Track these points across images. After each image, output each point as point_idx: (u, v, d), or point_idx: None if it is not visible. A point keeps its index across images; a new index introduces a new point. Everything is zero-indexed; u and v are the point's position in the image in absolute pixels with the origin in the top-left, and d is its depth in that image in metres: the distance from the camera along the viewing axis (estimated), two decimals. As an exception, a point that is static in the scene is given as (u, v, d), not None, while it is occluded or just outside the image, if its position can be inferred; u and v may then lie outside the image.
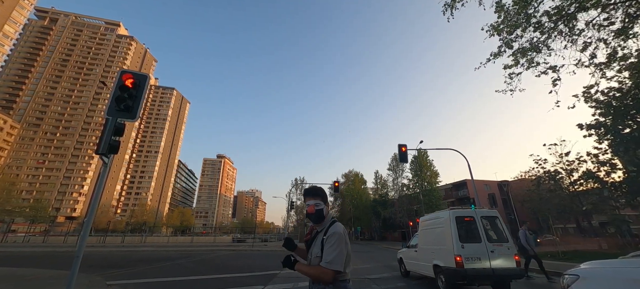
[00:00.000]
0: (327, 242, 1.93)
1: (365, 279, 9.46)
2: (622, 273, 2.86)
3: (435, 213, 8.56)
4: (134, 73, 4.73)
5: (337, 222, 2.09)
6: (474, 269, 6.38)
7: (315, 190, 2.17)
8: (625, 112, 16.14)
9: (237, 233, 75.10)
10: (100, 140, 4.23)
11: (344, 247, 1.93)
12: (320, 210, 2.08)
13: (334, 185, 27.92)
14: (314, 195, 2.13)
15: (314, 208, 2.07)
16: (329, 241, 1.93)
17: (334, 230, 1.97)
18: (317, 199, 2.10)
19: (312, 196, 2.12)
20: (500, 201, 44.50)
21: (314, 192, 2.15)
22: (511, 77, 8.29)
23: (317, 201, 2.09)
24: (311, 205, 2.08)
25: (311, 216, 2.08)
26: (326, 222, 2.10)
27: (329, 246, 1.90)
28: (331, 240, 1.92)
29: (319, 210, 2.08)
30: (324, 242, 1.95)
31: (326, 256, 1.88)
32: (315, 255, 1.99)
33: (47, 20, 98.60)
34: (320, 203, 2.09)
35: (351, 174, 71.85)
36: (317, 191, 2.16)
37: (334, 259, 1.85)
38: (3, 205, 44.28)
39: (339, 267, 1.86)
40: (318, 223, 2.11)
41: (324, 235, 1.99)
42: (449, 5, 7.97)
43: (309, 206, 2.08)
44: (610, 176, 19.81)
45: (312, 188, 2.19)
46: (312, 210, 2.07)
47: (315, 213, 2.07)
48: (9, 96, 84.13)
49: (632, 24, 6.78)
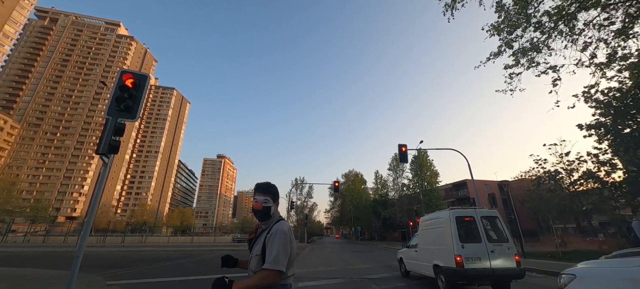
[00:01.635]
0: (270, 241, 1.85)
1: (365, 279, 9.45)
2: (618, 273, 2.87)
3: (435, 213, 8.55)
4: (134, 73, 4.73)
5: (283, 220, 2.03)
6: (474, 269, 6.37)
7: (266, 187, 2.09)
8: (626, 112, 16.13)
9: (238, 233, 75.10)
10: (101, 140, 4.23)
11: (288, 246, 1.86)
12: (268, 208, 2.00)
13: (334, 185, 27.92)
14: (265, 191, 2.06)
15: (262, 204, 1.99)
16: (272, 240, 1.85)
17: (278, 228, 1.91)
18: (267, 196, 2.04)
19: (262, 192, 2.05)
20: (501, 201, 44.47)
21: (265, 188, 2.08)
22: (511, 77, 8.29)
23: (266, 198, 2.02)
24: (259, 200, 2.01)
25: (257, 212, 2.00)
26: (272, 220, 2.02)
27: (272, 245, 1.83)
28: (274, 238, 1.85)
29: (266, 207, 2.00)
30: (266, 241, 1.88)
31: (269, 255, 1.80)
32: (255, 253, 1.91)
33: (47, 20, 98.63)
34: (270, 200, 2.03)
35: (351, 174, 71.84)
36: (269, 188, 2.09)
37: (277, 259, 1.76)
38: (3, 205, 44.25)
39: (282, 267, 1.76)
40: (264, 220, 2.02)
41: (267, 233, 1.92)
42: (449, 6, 7.97)
43: (257, 202, 2.01)
44: (611, 176, 19.81)
45: (264, 184, 2.11)
46: (258, 206, 1.99)
47: (262, 209, 1.98)
48: (9, 96, 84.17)
49: (632, 24, 6.77)
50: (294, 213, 61.21)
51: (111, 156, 4.34)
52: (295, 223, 64.89)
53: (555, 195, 25.20)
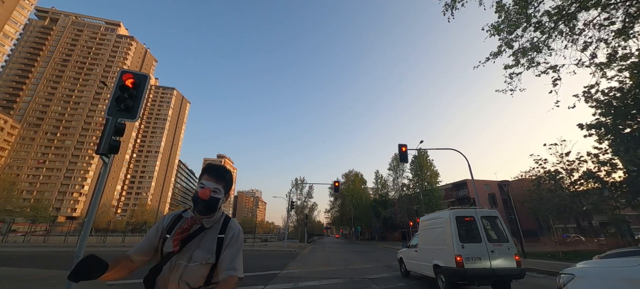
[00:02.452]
0: (232, 244, 1.56)
1: (365, 279, 9.46)
2: (617, 272, 2.89)
3: (435, 213, 8.56)
4: (134, 73, 4.73)
5: (233, 218, 1.72)
6: (474, 269, 6.37)
7: (222, 171, 1.61)
8: (626, 112, 16.14)
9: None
10: (101, 140, 4.22)
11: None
12: (217, 200, 1.54)
13: (334, 185, 27.89)
14: (218, 178, 1.58)
15: (210, 193, 1.51)
16: (235, 244, 1.57)
17: (238, 229, 1.63)
18: (220, 183, 1.57)
19: (214, 178, 1.56)
20: (501, 201, 44.44)
21: (220, 174, 1.59)
22: (511, 77, 8.28)
23: (218, 186, 1.55)
24: (208, 188, 1.52)
25: (203, 202, 1.49)
26: (217, 216, 1.62)
27: (235, 250, 1.55)
28: (237, 242, 1.58)
29: (215, 198, 1.53)
30: (223, 242, 1.55)
31: (231, 260, 1.51)
32: (203, 260, 1.47)
33: (47, 20, 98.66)
34: (221, 190, 1.57)
35: (351, 174, 71.84)
36: (224, 174, 1.61)
37: (241, 265, 1.54)
38: (3, 205, 44.31)
39: (242, 274, 1.54)
40: (207, 214, 1.55)
41: (221, 234, 1.57)
42: (449, 6, 7.96)
43: (204, 189, 1.50)
44: (611, 176, 19.82)
45: (220, 168, 1.62)
46: (206, 195, 1.49)
47: (210, 200, 1.50)
48: (10, 96, 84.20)
49: (632, 24, 6.77)
50: (294, 213, 61.23)
51: (111, 156, 4.34)
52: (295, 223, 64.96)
53: (556, 195, 25.21)
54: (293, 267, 12.65)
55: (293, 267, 12.65)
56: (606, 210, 21.96)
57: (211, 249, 1.51)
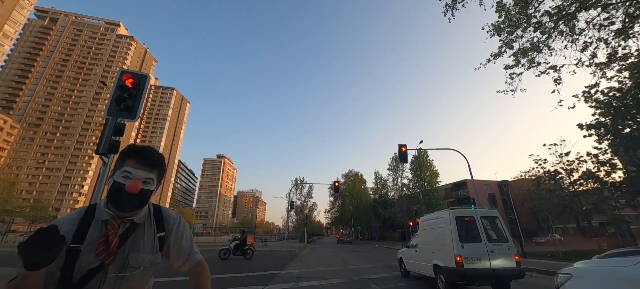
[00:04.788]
0: (184, 235, 1.38)
1: (365, 279, 9.45)
2: (614, 272, 2.90)
3: (435, 213, 8.56)
4: (134, 73, 4.73)
5: (163, 206, 1.46)
6: (473, 269, 6.37)
7: (156, 157, 1.29)
8: (626, 112, 16.15)
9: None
10: (100, 140, 4.22)
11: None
12: (149, 192, 1.23)
13: (334, 185, 27.87)
14: (152, 165, 1.25)
15: (140, 184, 1.16)
16: (185, 233, 1.39)
17: (177, 215, 1.43)
18: (153, 172, 1.25)
19: (148, 166, 1.23)
20: (500, 201, 44.46)
21: (155, 161, 1.27)
22: (512, 77, 8.29)
23: (150, 176, 1.23)
24: (138, 178, 1.17)
25: (132, 197, 1.15)
26: (145, 209, 1.30)
27: (188, 236, 1.41)
28: (185, 228, 1.41)
29: (147, 190, 1.21)
30: (166, 239, 1.32)
31: (193, 247, 1.40)
32: (147, 263, 1.22)
33: (47, 20, 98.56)
34: (154, 181, 1.25)
35: (351, 174, 71.86)
36: (159, 160, 1.30)
37: (197, 249, 1.42)
38: (3, 205, 44.25)
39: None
40: (138, 209, 1.23)
41: (160, 231, 1.31)
42: (449, 6, 7.96)
43: (133, 181, 1.15)
44: (610, 176, 19.83)
45: (152, 152, 1.29)
46: (135, 188, 1.14)
47: (140, 194, 1.17)
48: (9, 96, 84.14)
49: (632, 24, 6.78)
50: (294, 213, 61.21)
51: (111, 156, 4.33)
52: (295, 223, 64.91)
53: (555, 195, 25.21)
54: (293, 267, 12.64)
55: (293, 267, 12.64)
56: (606, 210, 21.97)
57: (153, 249, 1.25)
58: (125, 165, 1.20)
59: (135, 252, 1.20)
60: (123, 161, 1.22)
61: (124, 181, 1.15)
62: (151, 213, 1.34)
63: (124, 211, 1.19)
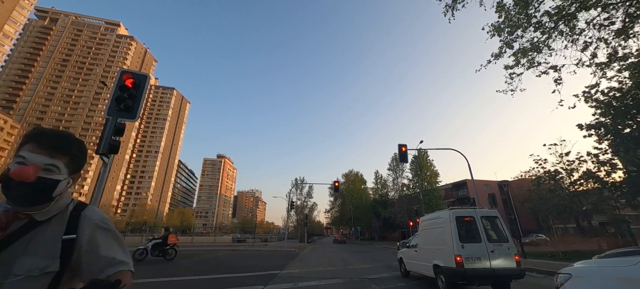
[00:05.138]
0: (104, 241, 1.09)
1: (365, 279, 9.45)
2: (614, 272, 2.90)
3: (435, 213, 8.56)
4: (134, 73, 4.74)
5: (89, 205, 1.17)
6: (474, 269, 6.37)
7: (62, 139, 1.05)
8: (626, 112, 16.15)
9: (238, 233, 75.07)
10: (100, 140, 4.23)
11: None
12: (53, 183, 0.98)
13: (334, 184, 27.90)
14: (54, 148, 1.00)
15: (37, 173, 0.94)
16: (105, 240, 1.10)
17: (99, 216, 1.13)
18: (56, 158, 1.00)
19: (46, 149, 0.99)
20: (501, 201, 44.45)
21: (58, 143, 1.03)
22: (512, 77, 8.29)
23: (52, 162, 0.99)
24: (35, 164, 0.95)
25: (22, 186, 0.92)
26: (61, 205, 1.07)
27: (110, 238, 1.12)
28: (110, 237, 1.13)
29: (47, 179, 0.97)
30: (76, 243, 1.03)
31: (113, 253, 1.09)
32: (36, 270, 0.92)
33: (47, 20, 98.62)
34: (59, 168, 1.01)
35: (351, 174, 71.88)
36: (64, 145, 1.04)
37: (125, 255, 1.14)
38: (3, 205, 44.31)
39: (132, 266, 1.15)
40: (39, 203, 0.99)
41: (70, 233, 1.03)
42: (449, 7, 7.96)
43: (20, 167, 0.93)
44: (611, 176, 19.83)
45: (60, 134, 1.07)
46: (22, 174, 0.91)
47: (37, 183, 0.95)
48: (9, 96, 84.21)
49: (632, 24, 6.77)
50: (294, 213, 61.22)
51: (111, 156, 4.34)
52: (295, 223, 64.92)
53: (555, 195, 25.21)
54: (293, 267, 12.64)
55: (293, 267, 12.64)
56: (606, 210, 21.98)
57: (51, 254, 0.97)
58: (23, 149, 0.97)
59: (25, 256, 0.93)
60: (21, 145, 0.99)
61: (12, 167, 0.93)
62: (67, 211, 1.08)
63: (16, 203, 0.96)
